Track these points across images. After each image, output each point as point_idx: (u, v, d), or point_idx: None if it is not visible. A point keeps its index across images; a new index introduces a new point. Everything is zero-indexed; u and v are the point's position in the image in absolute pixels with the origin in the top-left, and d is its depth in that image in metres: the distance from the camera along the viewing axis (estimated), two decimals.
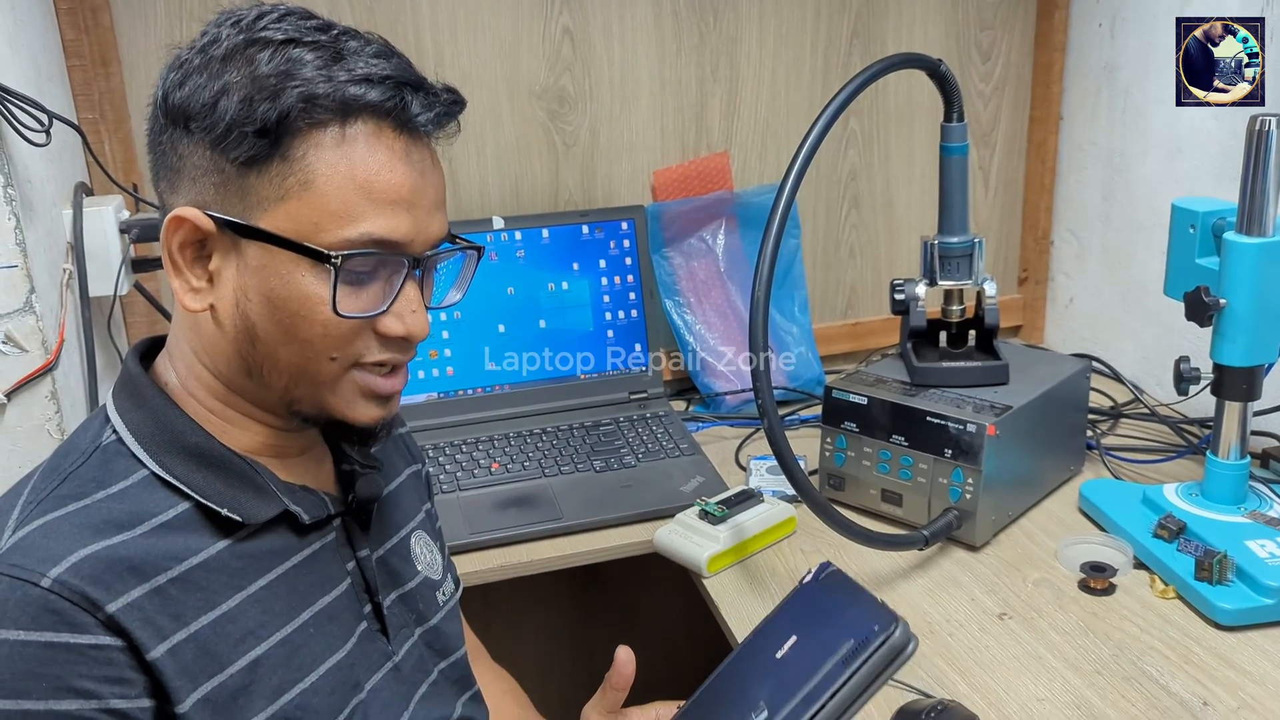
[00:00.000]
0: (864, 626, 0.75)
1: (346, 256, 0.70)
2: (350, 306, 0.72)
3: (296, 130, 0.69)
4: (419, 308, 0.75)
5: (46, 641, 0.64)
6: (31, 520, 0.69)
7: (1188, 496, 1.22)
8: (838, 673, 0.74)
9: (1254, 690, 0.99)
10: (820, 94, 1.67)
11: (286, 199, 0.70)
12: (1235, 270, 1.13)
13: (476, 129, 1.56)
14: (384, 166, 0.71)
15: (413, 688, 0.85)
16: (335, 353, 0.74)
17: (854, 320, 1.79)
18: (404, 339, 0.75)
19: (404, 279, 0.74)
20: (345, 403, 0.76)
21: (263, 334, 0.73)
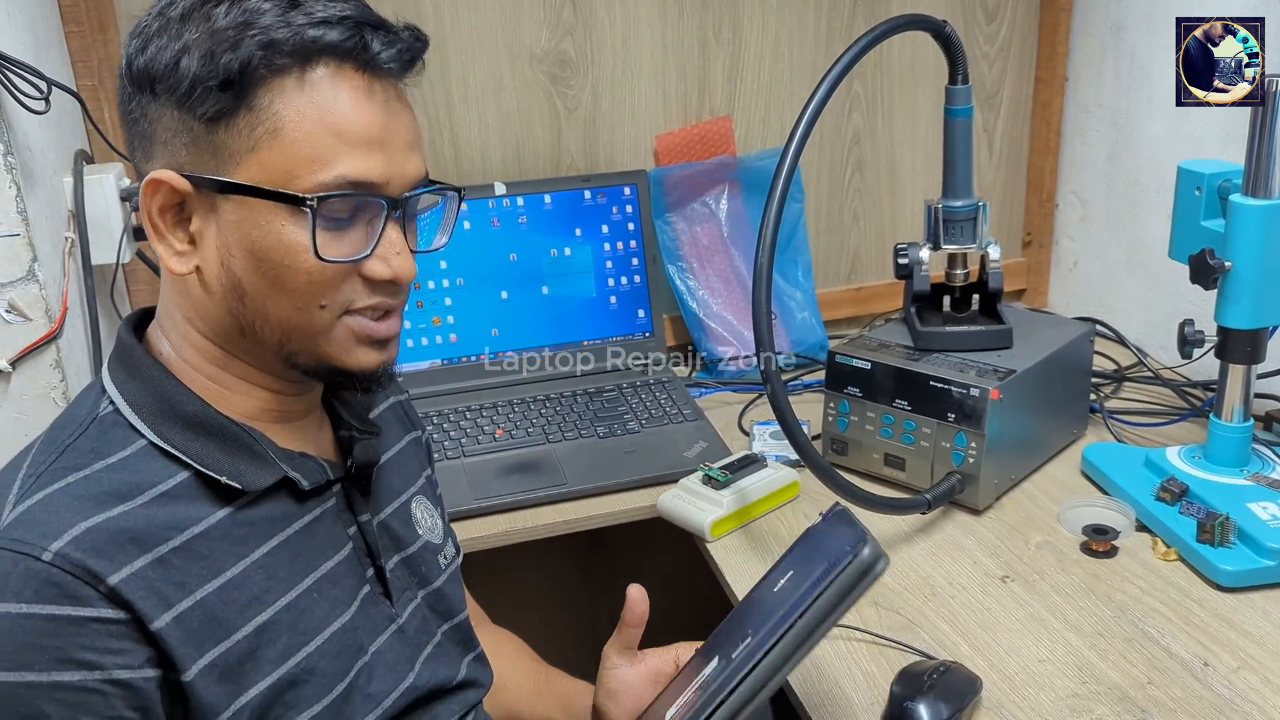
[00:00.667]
0: (839, 550, 0.78)
1: (322, 199, 0.70)
2: (333, 251, 0.72)
3: (259, 79, 0.69)
4: (403, 250, 0.75)
5: (48, 614, 0.64)
6: (32, 494, 0.69)
7: (1190, 459, 1.22)
8: (809, 594, 0.77)
9: (1254, 651, 0.99)
10: (824, 57, 1.65)
11: (257, 149, 0.70)
12: (1240, 232, 1.12)
13: (478, 94, 1.55)
14: (351, 107, 0.71)
15: (417, 649, 0.86)
16: (324, 300, 0.74)
17: (857, 285, 1.79)
18: (391, 282, 0.75)
19: (384, 221, 0.74)
20: (342, 350, 0.76)
21: (250, 289, 0.73)
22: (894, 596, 1.10)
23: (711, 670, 0.84)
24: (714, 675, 0.82)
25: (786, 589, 0.81)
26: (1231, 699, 0.94)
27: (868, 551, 0.77)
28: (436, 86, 1.53)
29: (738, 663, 0.79)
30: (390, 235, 0.74)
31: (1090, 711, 0.93)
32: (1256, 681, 0.96)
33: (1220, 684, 0.96)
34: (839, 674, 0.99)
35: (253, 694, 0.72)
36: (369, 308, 0.76)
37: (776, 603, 0.80)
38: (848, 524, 0.83)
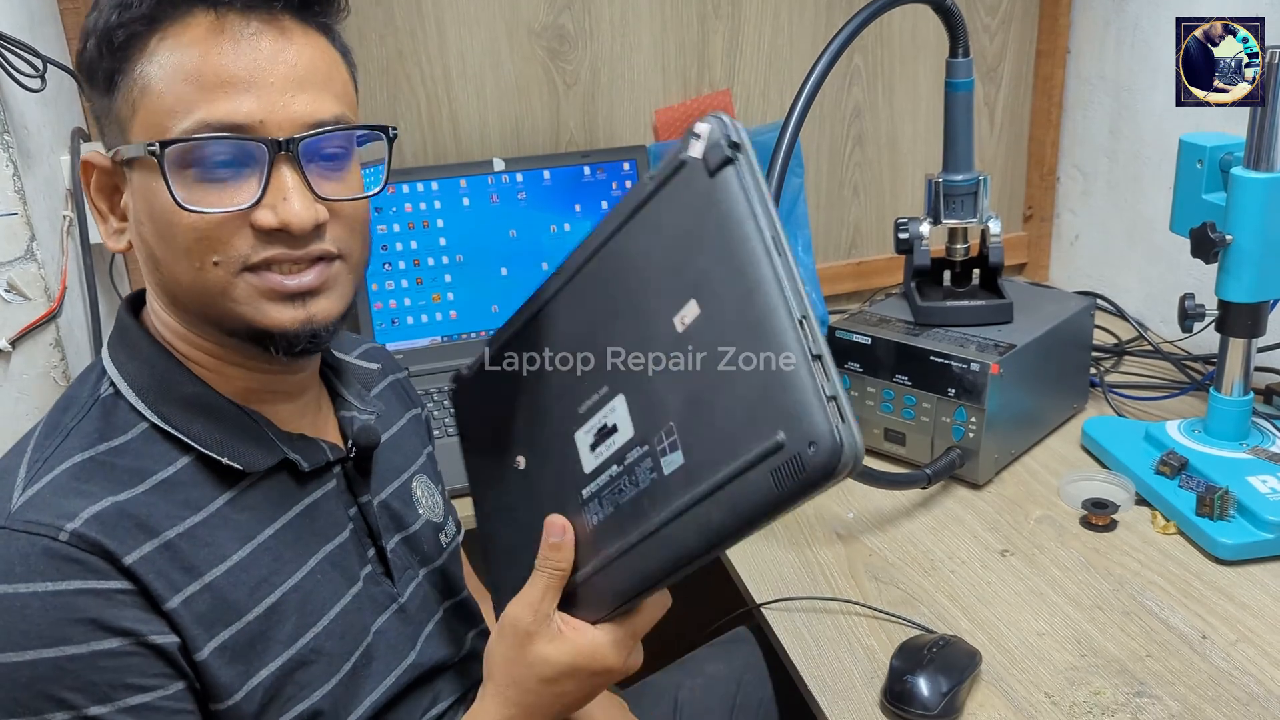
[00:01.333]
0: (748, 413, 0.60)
1: (166, 143, 0.68)
2: (210, 202, 0.69)
3: (129, 40, 0.70)
4: (293, 195, 0.70)
5: (75, 589, 0.65)
6: (40, 478, 0.69)
7: (1190, 433, 1.22)
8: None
9: (1252, 623, 1.00)
10: (824, 30, 1.64)
11: (137, 111, 0.70)
12: (1242, 206, 1.12)
13: (476, 69, 1.54)
14: (209, 50, 0.69)
15: (419, 628, 0.86)
16: (215, 256, 0.70)
17: (858, 259, 1.79)
18: (282, 231, 0.70)
19: (270, 166, 0.69)
20: (253, 309, 0.72)
21: (159, 255, 0.72)
22: (894, 570, 1.11)
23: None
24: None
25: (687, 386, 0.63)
26: (1229, 671, 0.94)
27: (823, 459, 0.56)
28: (434, 63, 1.52)
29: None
30: (280, 181, 0.70)
31: (1089, 684, 0.94)
32: (1254, 654, 0.96)
33: (1218, 656, 0.96)
34: (839, 648, 1.00)
35: (264, 675, 0.72)
36: (266, 261, 0.71)
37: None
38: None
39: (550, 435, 0.74)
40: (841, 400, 0.57)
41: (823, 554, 1.14)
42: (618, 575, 0.68)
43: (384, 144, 0.77)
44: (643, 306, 0.67)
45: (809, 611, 1.05)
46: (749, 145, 0.64)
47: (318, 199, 0.71)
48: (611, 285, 0.71)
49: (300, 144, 0.70)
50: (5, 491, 0.69)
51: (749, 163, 0.63)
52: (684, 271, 0.64)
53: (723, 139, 0.63)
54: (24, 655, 0.64)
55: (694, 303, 0.63)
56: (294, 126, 0.70)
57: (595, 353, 0.71)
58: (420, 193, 1.49)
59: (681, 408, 0.64)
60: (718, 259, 0.62)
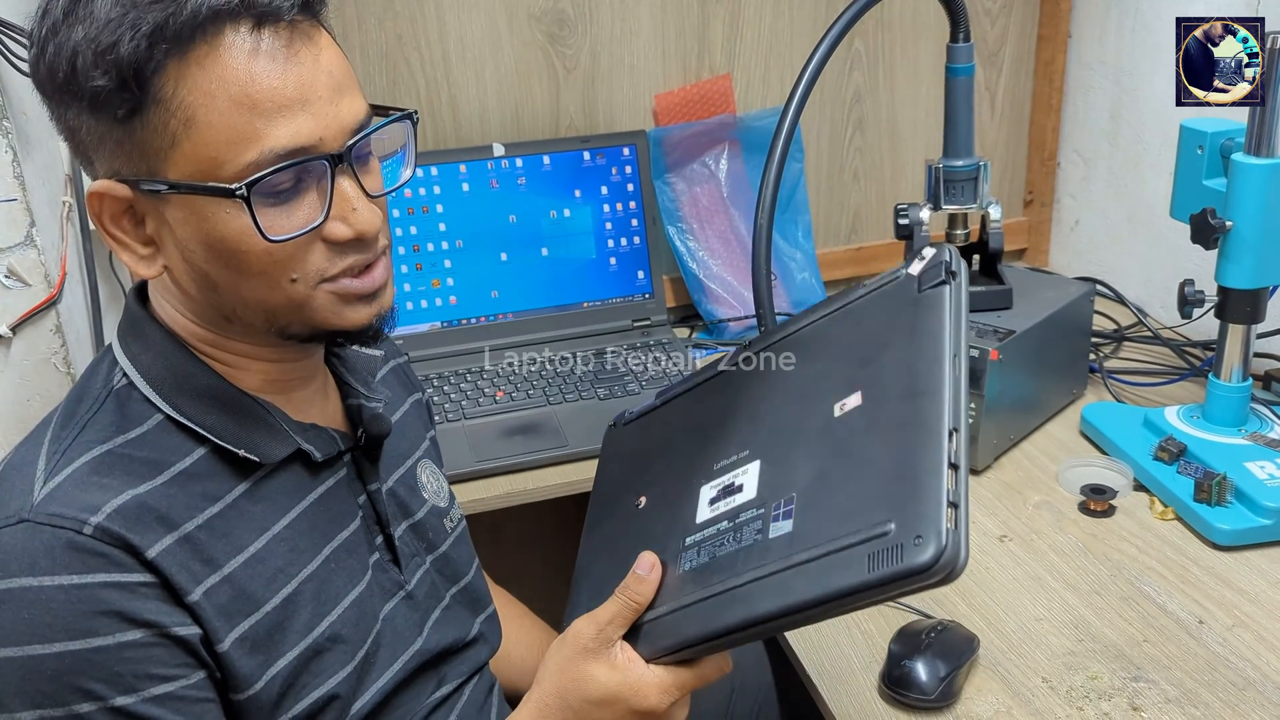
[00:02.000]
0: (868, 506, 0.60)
1: (251, 183, 0.66)
2: (285, 227, 0.69)
3: (157, 68, 0.64)
4: (360, 204, 0.71)
5: (100, 582, 0.66)
6: (60, 470, 0.69)
7: (1189, 419, 1.22)
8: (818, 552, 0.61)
9: (1249, 609, 1.00)
10: (824, 14, 1.64)
11: (179, 143, 0.66)
12: (1242, 192, 1.12)
13: (475, 54, 1.53)
14: (260, 73, 0.66)
15: (425, 614, 0.86)
16: (294, 274, 0.71)
17: (858, 245, 1.78)
18: (356, 240, 0.72)
19: (331, 180, 0.69)
20: (331, 315, 0.74)
21: (220, 280, 0.71)
22: None
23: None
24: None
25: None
26: (1226, 656, 0.95)
27: (929, 549, 0.55)
28: (434, 47, 1.52)
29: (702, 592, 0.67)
30: (342, 192, 0.70)
31: (1086, 669, 0.94)
32: (1251, 639, 0.97)
33: (1215, 642, 0.97)
34: (837, 633, 1.00)
35: (282, 664, 0.73)
36: (343, 271, 0.73)
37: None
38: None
39: (678, 482, 0.76)
40: (962, 511, 0.57)
41: None
42: (687, 621, 0.69)
43: (404, 129, 0.77)
44: (813, 388, 0.70)
45: None
46: (964, 278, 0.67)
47: (371, 199, 0.73)
48: (795, 363, 0.75)
49: (352, 151, 0.70)
50: (26, 484, 0.69)
51: (959, 290, 0.66)
52: (863, 365, 0.68)
53: (942, 265, 0.67)
54: (50, 648, 0.65)
55: (859, 394, 0.66)
56: (344, 134, 0.70)
57: (752, 418, 0.74)
58: (420, 178, 1.49)
59: (809, 483, 0.65)
60: (899, 360, 0.65)
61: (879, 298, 0.70)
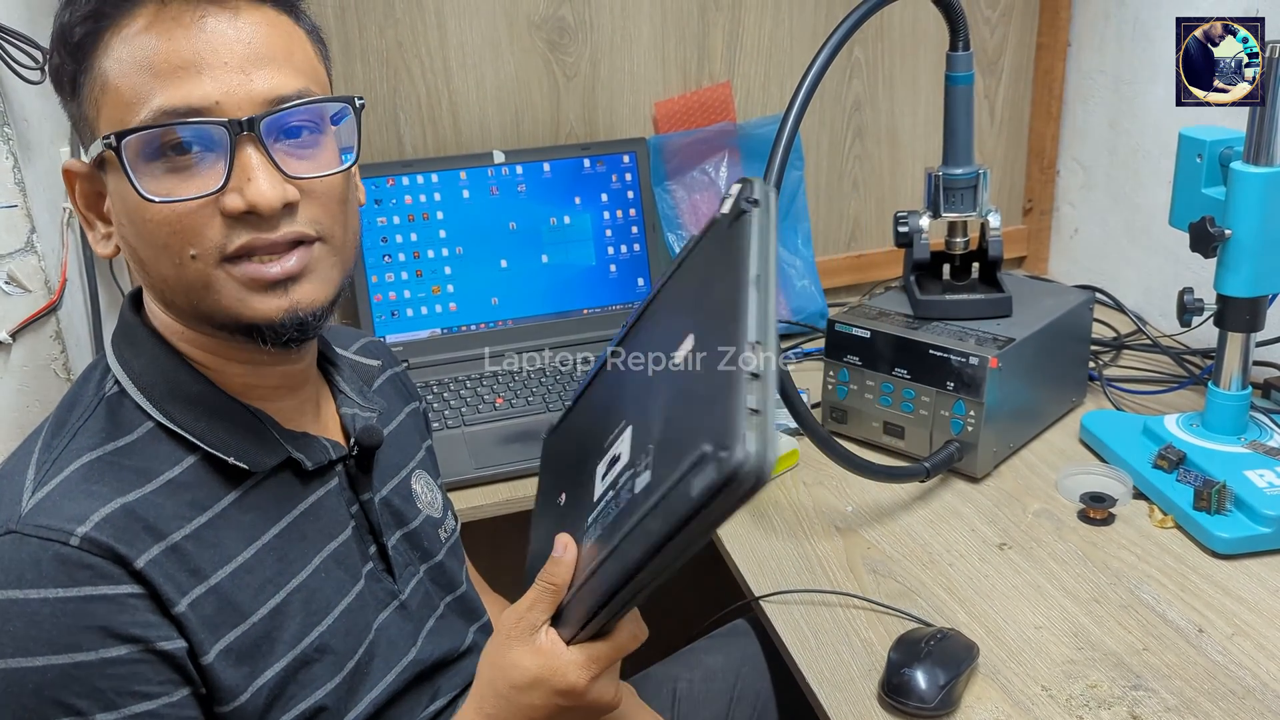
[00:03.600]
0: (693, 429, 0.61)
1: (121, 134, 0.67)
2: (175, 191, 0.68)
3: (85, 43, 0.69)
4: (258, 174, 0.68)
5: (86, 595, 0.65)
6: (49, 480, 0.69)
7: (1188, 427, 1.22)
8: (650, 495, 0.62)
9: (1249, 617, 1.00)
10: (824, 22, 1.64)
11: (101, 110, 0.70)
12: (1241, 200, 1.12)
13: (476, 61, 1.54)
14: (159, 37, 0.68)
15: (419, 624, 0.86)
16: (191, 248, 0.69)
17: (857, 253, 1.79)
18: (251, 213, 0.68)
19: (232, 148, 0.68)
20: (238, 302, 0.71)
21: (141, 254, 0.72)
22: (892, 564, 1.11)
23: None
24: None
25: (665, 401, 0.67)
26: (1226, 665, 0.95)
27: (734, 458, 0.55)
28: (434, 54, 1.52)
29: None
30: (244, 162, 0.68)
31: (1085, 677, 0.94)
32: (1251, 648, 0.97)
33: (1215, 650, 0.97)
34: (837, 640, 1.00)
35: (269, 675, 0.73)
36: (241, 249, 0.69)
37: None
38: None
39: (582, 471, 0.77)
40: (765, 416, 0.57)
41: (821, 547, 1.14)
42: (587, 593, 0.69)
43: (354, 121, 0.75)
44: (660, 346, 0.71)
45: (807, 604, 1.06)
46: (769, 201, 0.68)
47: (287, 178, 0.70)
48: (647, 333, 0.76)
49: (262, 122, 0.69)
50: (15, 494, 0.69)
51: (764, 215, 0.67)
52: (693, 311, 0.69)
53: (744, 198, 0.68)
54: (34, 661, 0.64)
55: (690, 337, 0.66)
56: (254, 105, 0.69)
57: (624, 391, 0.75)
58: (420, 185, 1.49)
59: (660, 431, 0.66)
60: (718, 296, 0.66)
61: (703, 247, 0.71)
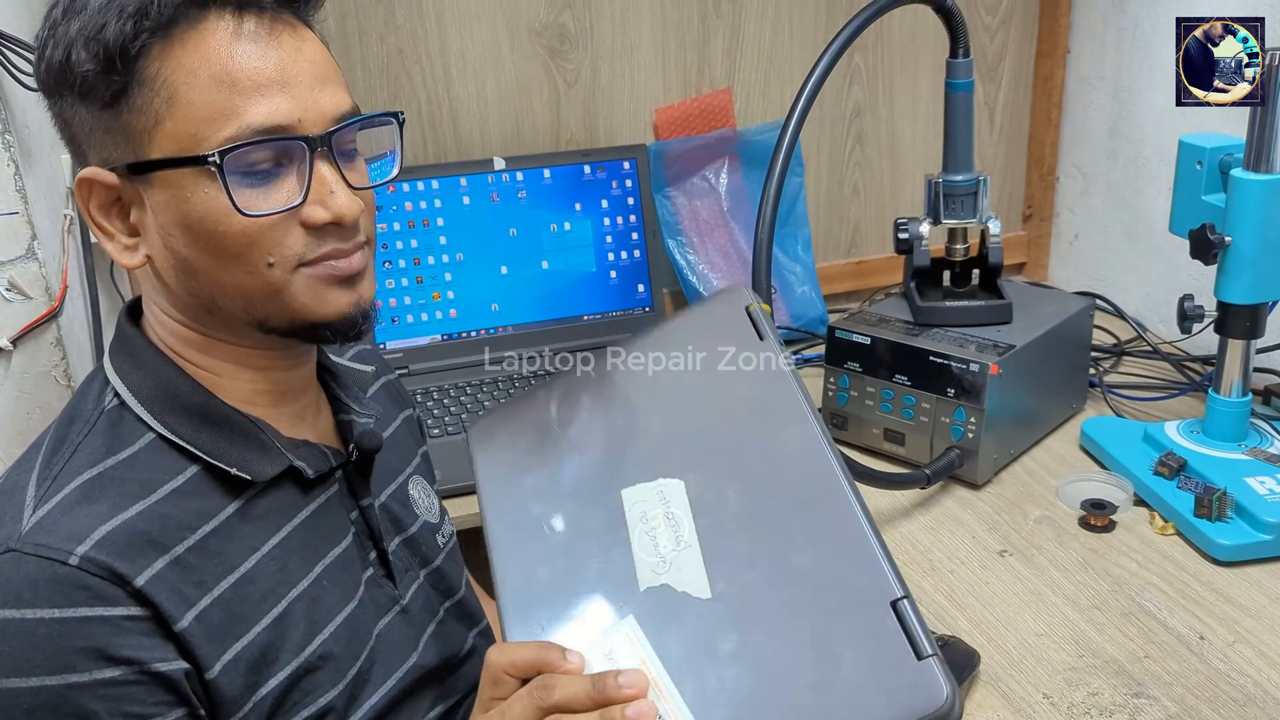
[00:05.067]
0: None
1: (225, 153, 0.68)
2: (260, 205, 0.70)
3: (141, 51, 0.68)
4: (338, 188, 0.72)
5: (83, 616, 0.65)
6: (50, 497, 0.69)
7: (1189, 434, 1.22)
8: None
9: (1250, 624, 1.00)
10: (824, 29, 1.64)
11: (161, 122, 0.69)
12: (1241, 207, 1.12)
13: (476, 68, 1.54)
14: (238, 54, 0.68)
15: (420, 629, 0.86)
16: (270, 257, 0.71)
17: (857, 259, 1.79)
18: (334, 224, 0.72)
19: (310, 163, 0.71)
20: (311, 300, 0.73)
21: (198, 264, 0.72)
22: None
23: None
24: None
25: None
26: (1227, 673, 0.95)
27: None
28: (435, 61, 1.52)
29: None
30: (321, 175, 0.71)
31: (1087, 684, 0.94)
32: (1252, 655, 0.96)
33: (1216, 658, 0.96)
34: None
35: (272, 684, 0.72)
36: (321, 258, 0.72)
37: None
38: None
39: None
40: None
41: None
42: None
43: (392, 131, 0.79)
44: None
45: None
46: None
47: (353, 190, 0.73)
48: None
49: (333, 138, 0.72)
50: (15, 512, 0.68)
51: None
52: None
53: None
54: (28, 681, 0.64)
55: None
56: (325, 122, 0.71)
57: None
58: (420, 191, 1.49)
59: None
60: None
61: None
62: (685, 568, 0.64)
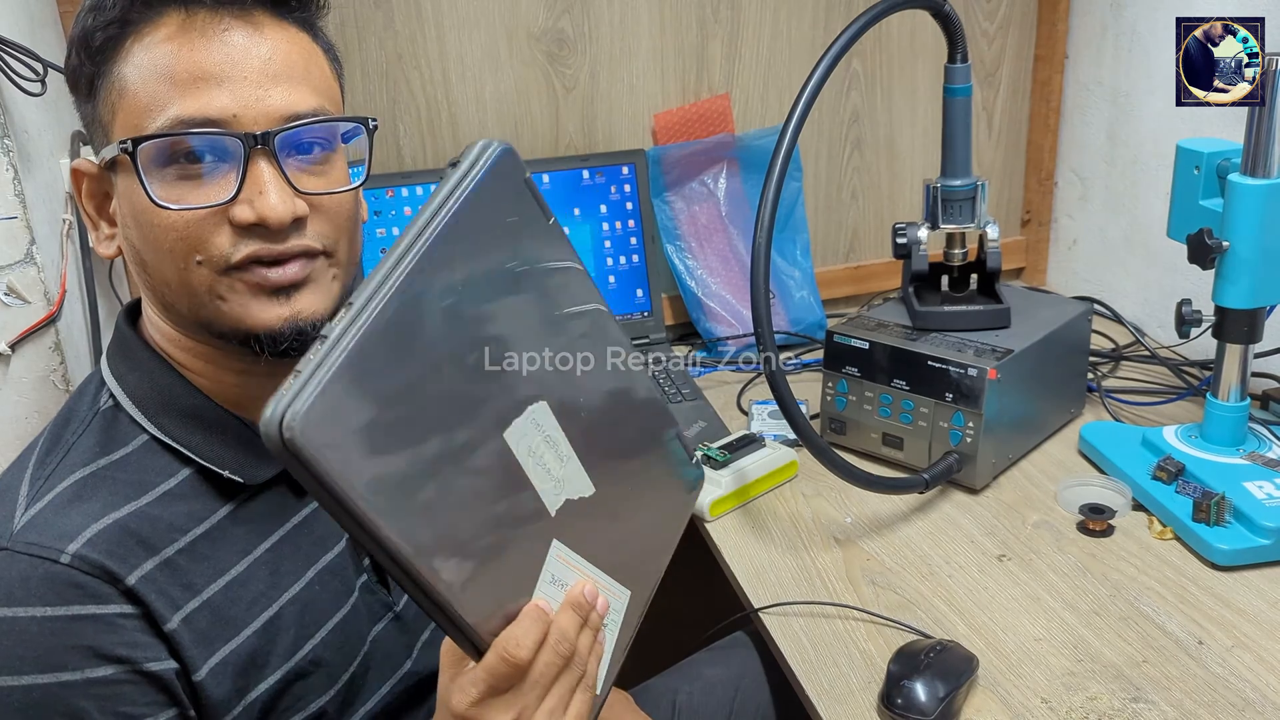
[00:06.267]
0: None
1: (138, 140, 0.68)
2: (188, 199, 0.69)
3: (106, 44, 0.70)
4: (269, 188, 0.69)
5: (74, 615, 0.65)
6: (42, 496, 0.69)
7: (1187, 438, 1.22)
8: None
9: (1249, 629, 1.00)
10: (822, 34, 1.64)
11: (116, 113, 0.71)
12: (1239, 212, 1.12)
13: (475, 73, 1.54)
14: (181, 47, 0.69)
15: (414, 636, 0.86)
16: (197, 255, 0.70)
17: (856, 263, 1.79)
18: (259, 225, 0.69)
19: (246, 160, 0.69)
20: (239, 307, 0.71)
21: (146, 257, 0.73)
22: (891, 575, 1.11)
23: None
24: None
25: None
26: (1226, 677, 0.95)
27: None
28: (434, 66, 1.52)
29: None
30: (256, 175, 0.69)
31: (1085, 689, 0.94)
32: (1251, 660, 0.96)
33: (1215, 662, 0.96)
34: (836, 653, 1.00)
35: (262, 689, 0.73)
36: (246, 259, 0.70)
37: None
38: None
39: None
40: (303, 378, 0.54)
41: (820, 559, 1.14)
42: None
43: (365, 141, 0.77)
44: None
45: (807, 616, 1.06)
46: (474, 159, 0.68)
47: (297, 193, 0.71)
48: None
49: (276, 137, 0.70)
50: (8, 511, 0.69)
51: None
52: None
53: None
54: (20, 680, 0.64)
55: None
56: (270, 120, 0.70)
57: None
58: (420, 196, 1.49)
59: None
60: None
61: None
62: (572, 478, 0.69)
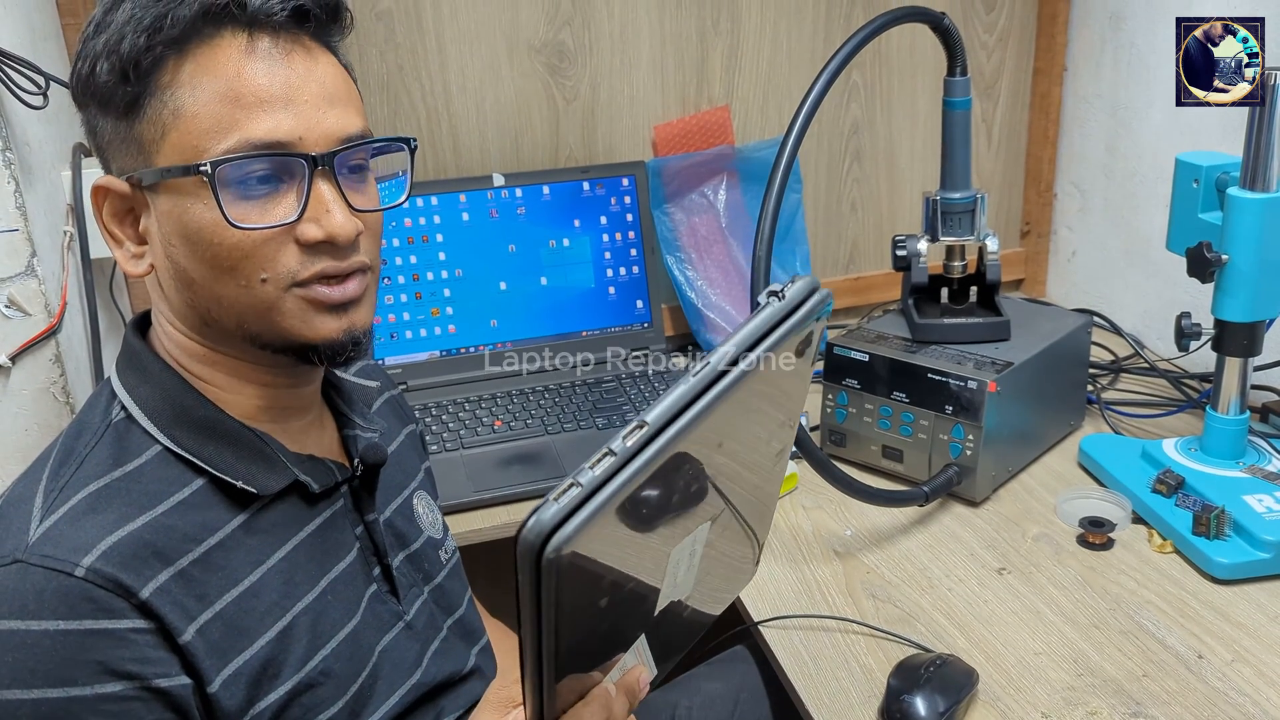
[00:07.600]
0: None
1: (218, 163, 0.69)
2: (256, 219, 0.71)
3: (155, 63, 0.70)
4: (334, 207, 0.72)
5: (86, 629, 0.65)
6: (56, 508, 0.69)
7: (1187, 451, 1.22)
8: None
9: (1248, 643, 1.00)
10: (823, 48, 1.65)
11: (167, 133, 0.71)
12: (1238, 226, 1.13)
13: (476, 85, 1.54)
14: (244, 70, 0.70)
15: (425, 645, 0.86)
16: (263, 273, 0.72)
17: (855, 275, 1.79)
18: (327, 243, 0.73)
19: (309, 181, 0.72)
20: (300, 323, 0.74)
21: (195, 275, 0.73)
22: (891, 589, 1.11)
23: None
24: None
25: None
26: (1225, 691, 0.94)
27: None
28: (434, 78, 1.53)
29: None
30: (319, 194, 0.72)
31: (1085, 704, 0.94)
32: (1250, 674, 0.96)
33: (1214, 677, 0.96)
34: (836, 666, 1.00)
35: (272, 699, 0.73)
36: (314, 276, 0.73)
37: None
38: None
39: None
40: (577, 492, 0.54)
41: (820, 572, 1.14)
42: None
43: (404, 156, 0.80)
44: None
45: (806, 630, 1.06)
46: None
47: (354, 211, 0.74)
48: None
49: (335, 158, 0.73)
50: (22, 523, 0.69)
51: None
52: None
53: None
54: (30, 693, 0.64)
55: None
56: (328, 142, 0.73)
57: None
58: (420, 207, 1.50)
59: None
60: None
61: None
62: (684, 584, 0.68)
